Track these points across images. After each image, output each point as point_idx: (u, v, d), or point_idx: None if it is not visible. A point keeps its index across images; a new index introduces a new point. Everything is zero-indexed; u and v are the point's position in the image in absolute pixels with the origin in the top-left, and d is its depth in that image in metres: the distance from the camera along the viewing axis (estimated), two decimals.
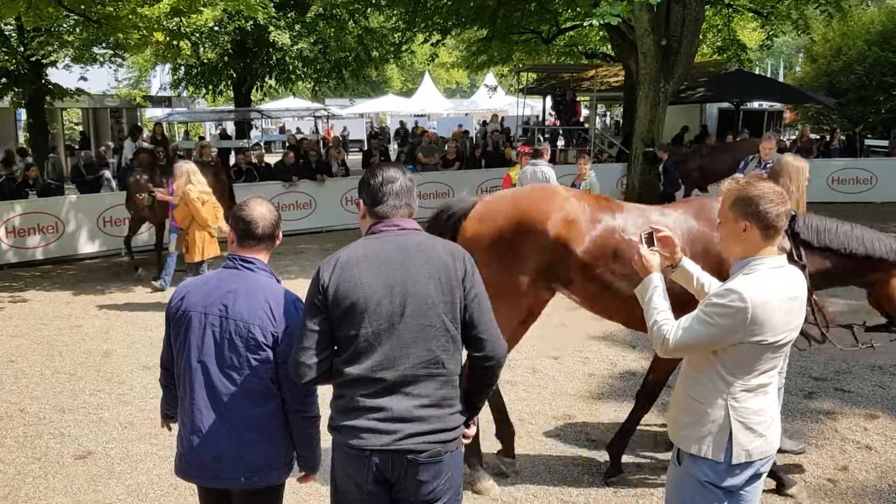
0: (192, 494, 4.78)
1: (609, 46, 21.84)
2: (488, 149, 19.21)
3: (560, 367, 7.08)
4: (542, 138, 19.74)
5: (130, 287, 10.67)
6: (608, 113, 39.14)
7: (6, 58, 15.25)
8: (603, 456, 5.20)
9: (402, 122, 32.52)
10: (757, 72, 32.46)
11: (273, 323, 2.91)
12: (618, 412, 5.98)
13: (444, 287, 2.72)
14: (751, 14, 21.85)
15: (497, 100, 36.28)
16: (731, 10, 20.63)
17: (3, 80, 16.01)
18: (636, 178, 16.77)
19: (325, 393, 2.83)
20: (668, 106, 17.07)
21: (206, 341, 2.95)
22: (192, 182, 8.63)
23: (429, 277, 2.70)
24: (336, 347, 2.76)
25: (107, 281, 11.09)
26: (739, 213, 2.77)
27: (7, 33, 16.02)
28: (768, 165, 8.54)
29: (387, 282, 2.68)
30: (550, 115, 24.09)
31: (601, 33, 21.54)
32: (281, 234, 3.16)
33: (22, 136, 21.58)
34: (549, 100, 25.27)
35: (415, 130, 29.48)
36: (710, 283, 3.13)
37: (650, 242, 3.12)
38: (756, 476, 2.88)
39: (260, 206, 3.08)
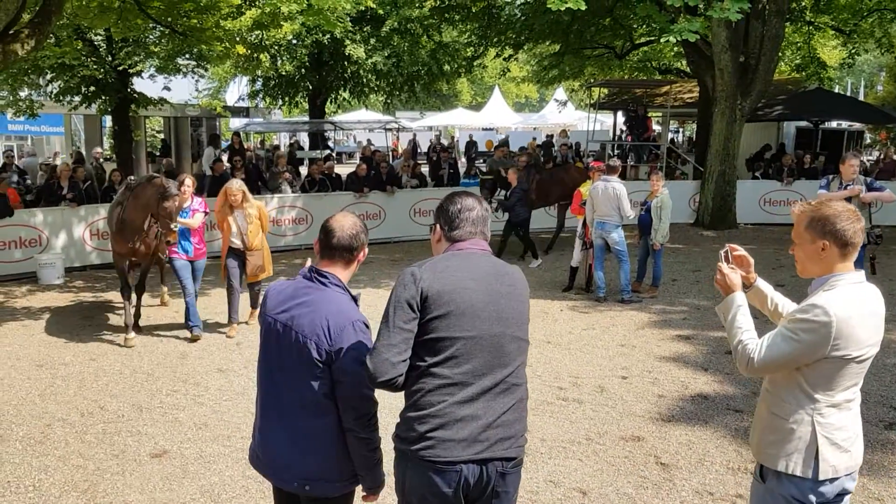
0: (263, 497, 4.88)
1: (684, 62, 21.56)
2: (557, 161, 19.14)
3: (629, 388, 6.98)
4: (611, 153, 19.58)
5: (206, 291, 10.97)
6: (681, 129, 38.54)
7: (95, 67, 15.91)
8: (673, 478, 5.10)
9: (470, 136, 32.64)
10: (837, 90, 31.53)
11: (328, 342, 2.87)
12: (689, 435, 5.86)
13: (523, 305, 2.90)
14: (832, 32, 21.29)
15: (567, 114, 36.11)
16: (811, 27, 20.13)
17: (92, 88, 16.70)
18: (710, 197, 16.46)
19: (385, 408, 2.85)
20: (745, 123, 16.73)
21: (271, 346, 3.03)
22: (248, 200, 8.46)
23: (518, 295, 2.88)
24: (423, 350, 2.74)
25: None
26: (816, 233, 2.82)
27: (97, 44, 16.71)
28: (848, 186, 8.29)
29: (487, 290, 2.78)
30: (622, 130, 23.87)
31: (676, 49, 21.28)
32: (365, 250, 3.13)
33: (106, 143, 22.45)
34: (620, 115, 25.07)
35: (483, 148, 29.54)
36: (784, 303, 3.16)
37: (727, 261, 3.08)
38: (842, 494, 2.85)
39: (343, 219, 3.08)
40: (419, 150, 22.57)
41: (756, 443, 2.99)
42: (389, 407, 3.47)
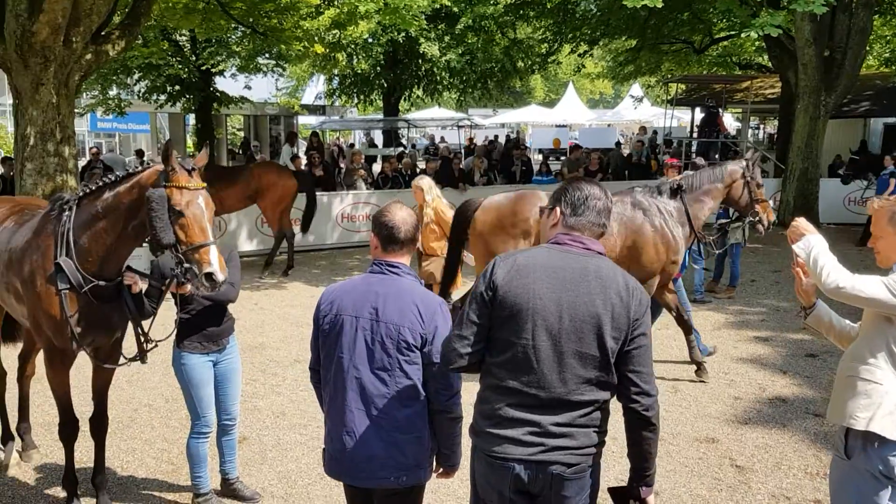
0: (338, 485, 4.99)
1: (765, 57, 20.96)
2: (633, 160, 18.89)
3: (704, 389, 6.87)
4: (694, 151, 19.18)
5: (284, 284, 11.27)
6: (762, 126, 37.45)
7: (180, 66, 16.50)
8: (749, 481, 5.02)
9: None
10: None
11: (422, 325, 2.97)
12: (765, 438, 5.75)
13: (614, 320, 2.65)
14: None
15: (643, 110, 35.48)
16: None
17: (177, 87, 17.32)
18: (791, 196, 16.00)
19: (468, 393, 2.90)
20: (829, 120, 16.18)
21: (357, 345, 3.02)
22: (437, 196, 7.63)
23: (602, 306, 2.64)
24: (490, 345, 2.75)
25: (262, 277, 11.73)
26: None
27: (181, 44, 17.31)
28: None
29: (559, 299, 2.64)
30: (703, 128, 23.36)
31: (757, 43, 20.69)
32: (420, 237, 3.23)
33: (190, 140, 23.23)
34: (698, 111, 24.54)
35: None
36: (841, 322, 3.38)
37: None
38: None
39: (400, 211, 3.13)
40: (497, 147, 22.55)
41: (840, 408, 3.10)
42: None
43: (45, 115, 8.99)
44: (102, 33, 9.63)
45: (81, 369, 5.15)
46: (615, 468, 5.19)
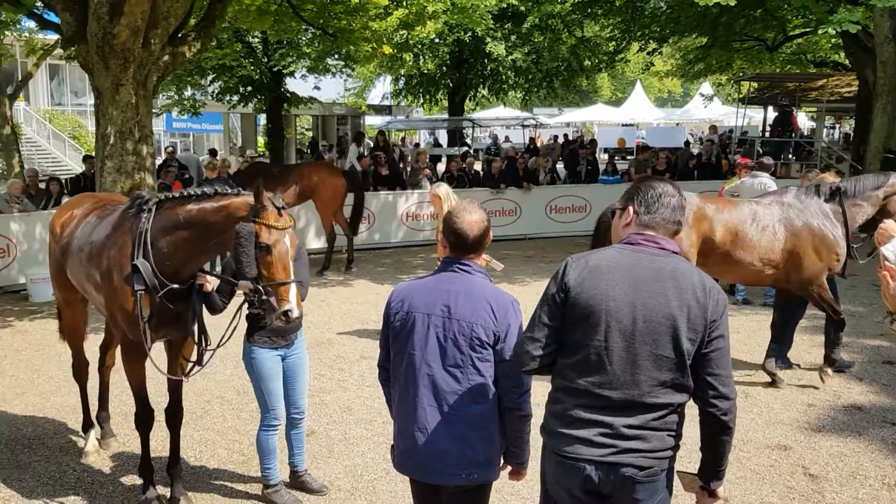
0: (403, 480, 5.05)
1: (841, 55, 20.30)
2: (703, 159, 18.48)
3: (776, 395, 6.70)
4: (760, 150, 18.70)
5: (350, 282, 11.43)
6: (837, 126, 36.28)
7: (252, 68, 16.90)
8: (823, 490, 4.88)
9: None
10: None
11: (495, 322, 2.98)
12: (840, 447, 5.58)
13: (690, 321, 2.60)
14: None
15: (713, 109, 34.76)
16: None
17: (249, 87, 17.76)
18: None
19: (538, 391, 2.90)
20: None
21: (429, 342, 3.04)
22: (440, 206, 7.57)
23: (677, 307, 2.60)
24: (561, 346, 2.74)
25: (329, 275, 11.91)
26: None
27: (254, 46, 17.73)
28: None
29: (632, 301, 2.62)
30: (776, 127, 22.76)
31: (833, 41, 20.04)
32: (491, 235, 3.20)
33: (260, 139, 23.77)
34: (770, 110, 23.92)
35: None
36: None
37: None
38: None
39: (470, 216, 3.12)
40: (556, 147, 22.49)
41: None
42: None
43: (124, 114, 9.33)
44: (179, 35, 9.94)
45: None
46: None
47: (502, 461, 3.18)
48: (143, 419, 4.81)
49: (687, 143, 26.98)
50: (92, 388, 5.85)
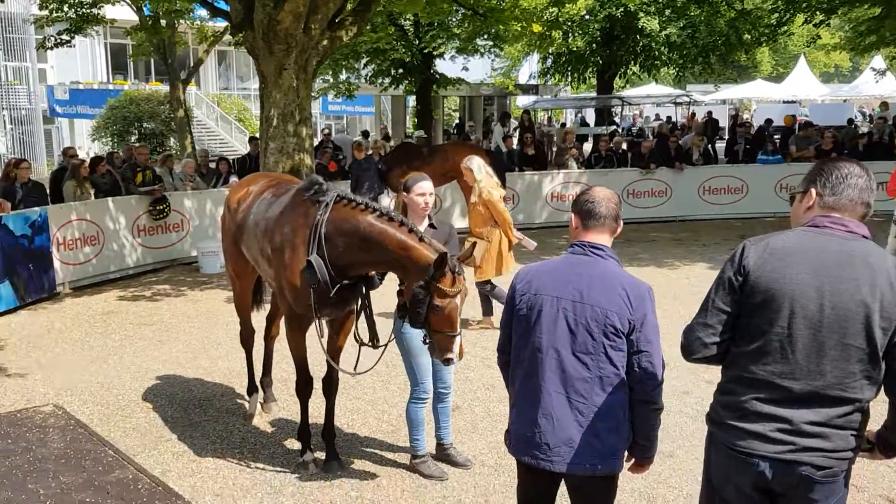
0: None
1: None
2: (874, 138, 17.18)
3: None
4: None
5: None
6: None
7: (404, 50, 17.29)
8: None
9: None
10: None
11: (630, 310, 2.88)
12: None
13: (883, 309, 2.43)
14: None
15: (885, 84, 32.08)
16: None
17: (400, 70, 18.19)
18: None
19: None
20: None
21: (558, 326, 2.94)
22: (487, 176, 7.56)
23: (869, 294, 2.44)
24: (737, 333, 2.61)
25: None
26: None
27: (406, 28, 18.12)
28: None
29: (819, 285, 2.47)
30: None
31: None
32: (622, 222, 3.12)
33: (410, 121, 24.31)
34: None
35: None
36: None
37: None
38: None
39: (601, 191, 3.10)
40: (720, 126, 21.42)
41: None
42: None
43: (286, 97, 9.84)
44: (337, 20, 10.33)
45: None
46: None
47: (627, 453, 3.08)
48: (303, 387, 5.12)
49: (850, 121, 25.07)
50: (257, 354, 6.28)
